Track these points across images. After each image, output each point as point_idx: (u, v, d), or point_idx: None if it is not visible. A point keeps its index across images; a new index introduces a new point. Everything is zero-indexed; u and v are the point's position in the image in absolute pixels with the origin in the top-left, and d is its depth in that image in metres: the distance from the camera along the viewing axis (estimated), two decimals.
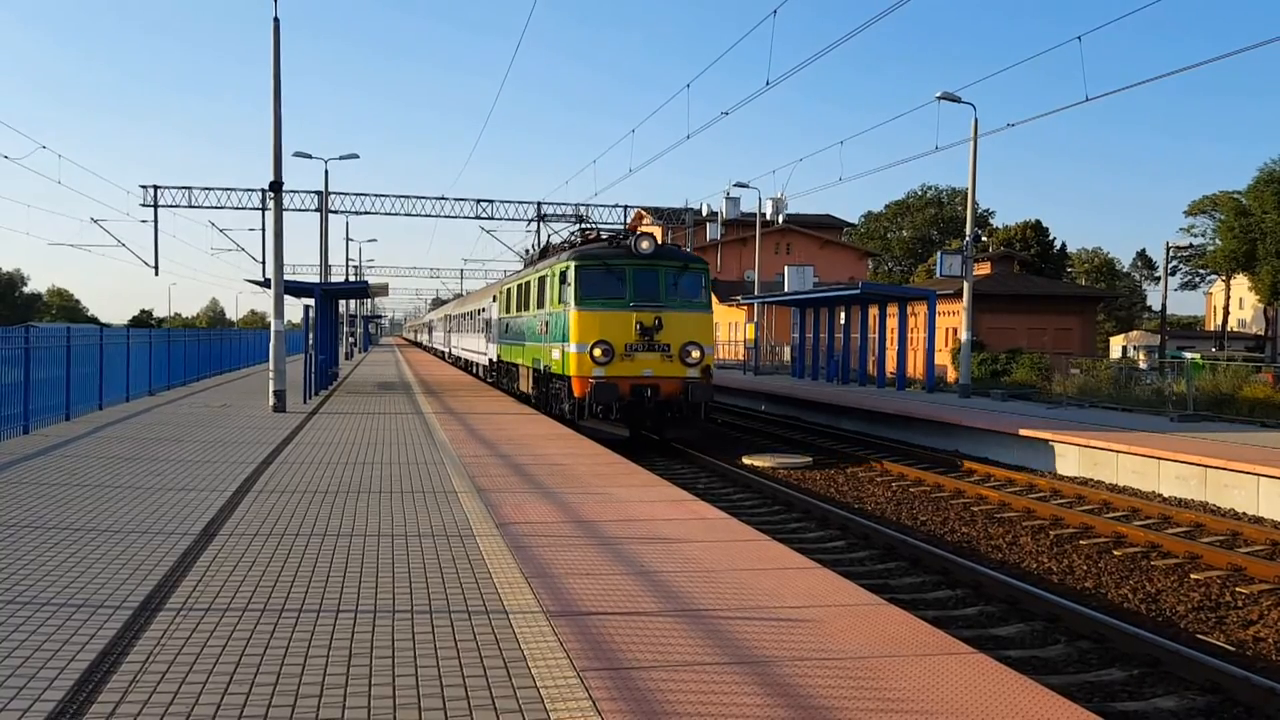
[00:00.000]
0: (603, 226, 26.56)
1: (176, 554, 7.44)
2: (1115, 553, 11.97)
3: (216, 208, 47.71)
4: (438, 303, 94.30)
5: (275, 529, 8.43)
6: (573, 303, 18.79)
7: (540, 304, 21.81)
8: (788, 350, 46.71)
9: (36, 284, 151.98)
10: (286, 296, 23.34)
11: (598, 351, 18.25)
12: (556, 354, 19.76)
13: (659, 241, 19.48)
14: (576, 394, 18.43)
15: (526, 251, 28.47)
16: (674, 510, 9.65)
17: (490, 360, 32.00)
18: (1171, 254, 74.35)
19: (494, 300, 30.98)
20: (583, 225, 22.32)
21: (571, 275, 18.96)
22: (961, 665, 5.31)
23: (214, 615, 5.90)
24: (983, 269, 58.38)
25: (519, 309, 25.16)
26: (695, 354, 18.68)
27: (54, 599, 6.18)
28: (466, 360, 42.81)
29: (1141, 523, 13.72)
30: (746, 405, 33.56)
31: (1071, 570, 11.23)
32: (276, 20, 20.27)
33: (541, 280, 21.80)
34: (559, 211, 49.57)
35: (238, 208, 47.85)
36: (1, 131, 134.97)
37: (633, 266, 18.85)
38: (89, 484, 10.57)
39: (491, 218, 50.40)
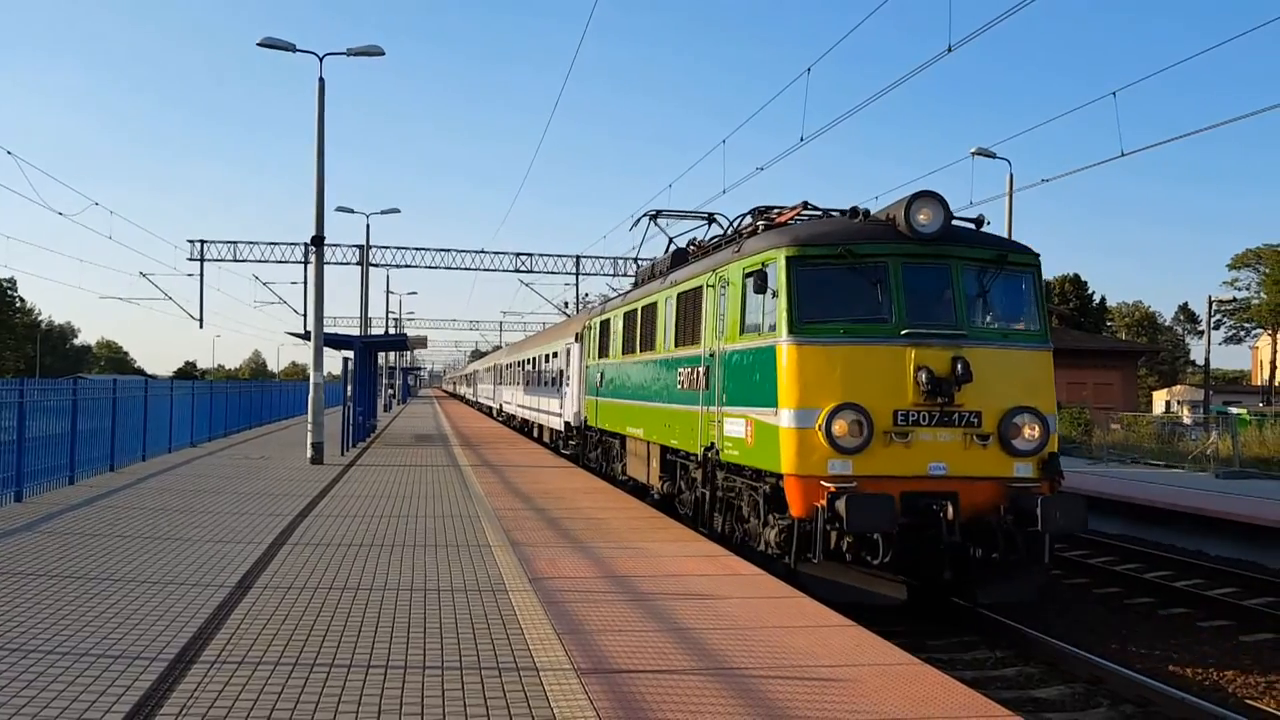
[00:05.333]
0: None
1: (212, 606, 7.50)
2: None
3: (260, 261, 48.77)
4: (476, 354, 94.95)
5: (309, 582, 8.48)
6: (784, 329, 9.79)
7: (686, 337, 13.13)
8: None
9: (87, 336, 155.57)
10: (327, 349, 23.69)
11: (841, 425, 9.33)
12: (737, 428, 10.81)
13: (947, 212, 10.02)
14: (797, 510, 9.51)
15: (634, 264, 19.46)
16: (708, 566, 9.59)
17: (569, 424, 23.58)
18: (1215, 308, 73.40)
19: (577, 339, 22.56)
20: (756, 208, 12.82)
21: (781, 275, 9.96)
22: None
23: (247, 669, 5.94)
24: None
25: (632, 348, 16.48)
26: (1031, 431, 9.70)
27: (92, 649, 6.25)
28: (525, 420, 34.49)
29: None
30: None
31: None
32: (321, 81, 20.92)
33: (689, 297, 13.12)
34: (597, 269, 50.06)
35: (281, 261, 48.88)
36: (56, 189, 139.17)
37: (902, 259, 9.88)
38: (130, 535, 10.71)
39: (530, 270, 51.04)
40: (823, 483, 9.29)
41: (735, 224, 13.45)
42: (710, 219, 16.79)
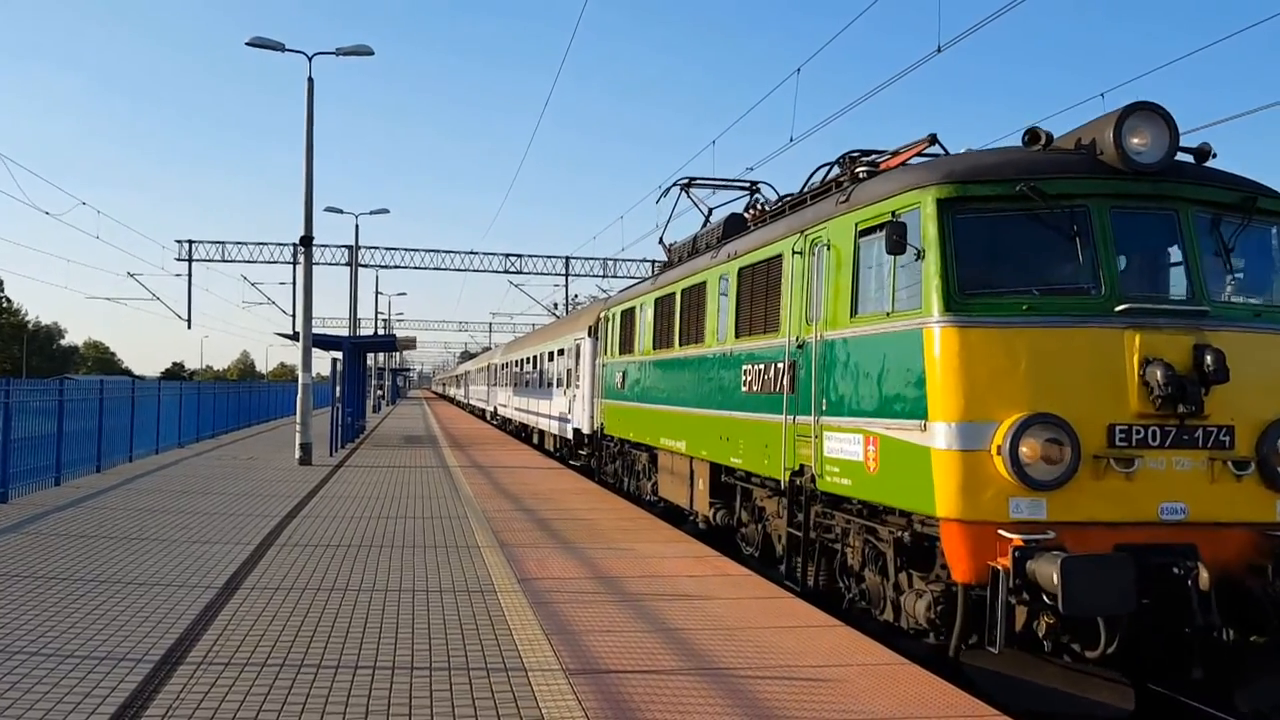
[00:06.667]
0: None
1: (199, 607, 7.46)
2: None
3: (249, 262, 48.55)
4: (466, 355, 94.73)
5: (297, 583, 8.45)
6: (936, 304, 6.92)
7: (754, 324, 10.37)
8: None
9: (74, 336, 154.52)
10: (315, 349, 23.64)
11: (1032, 447, 6.45)
12: (849, 447, 7.95)
13: (1173, 133, 6.99)
14: (962, 573, 6.59)
15: (665, 249, 16.33)
16: (697, 566, 9.59)
17: (579, 431, 21.14)
18: None
19: (589, 334, 20.18)
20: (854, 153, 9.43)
21: (929, 227, 7.08)
22: None
23: (233, 670, 5.90)
24: None
25: (668, 341, 13.88)
26: None
27: (77, 651, 6.21)
28: (524, 425, 32.47)
29: None
30: None
31: None
32: (310, 81, 20.87)
33: (759, 271, 10.33)
34: (586, 270, 50.09)
35: (270, 262, 48.69)
36: (43, 188, 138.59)
37: (1111, 201, 7.03)
38: (116, 536, 10.65)
39: (520, 271, 50.97)
40: (1002, 532, 6.36)
41: (823, 174, 10.02)
42: (753, 188, 14.51)
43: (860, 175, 8.79)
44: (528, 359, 31.20)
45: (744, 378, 10.45)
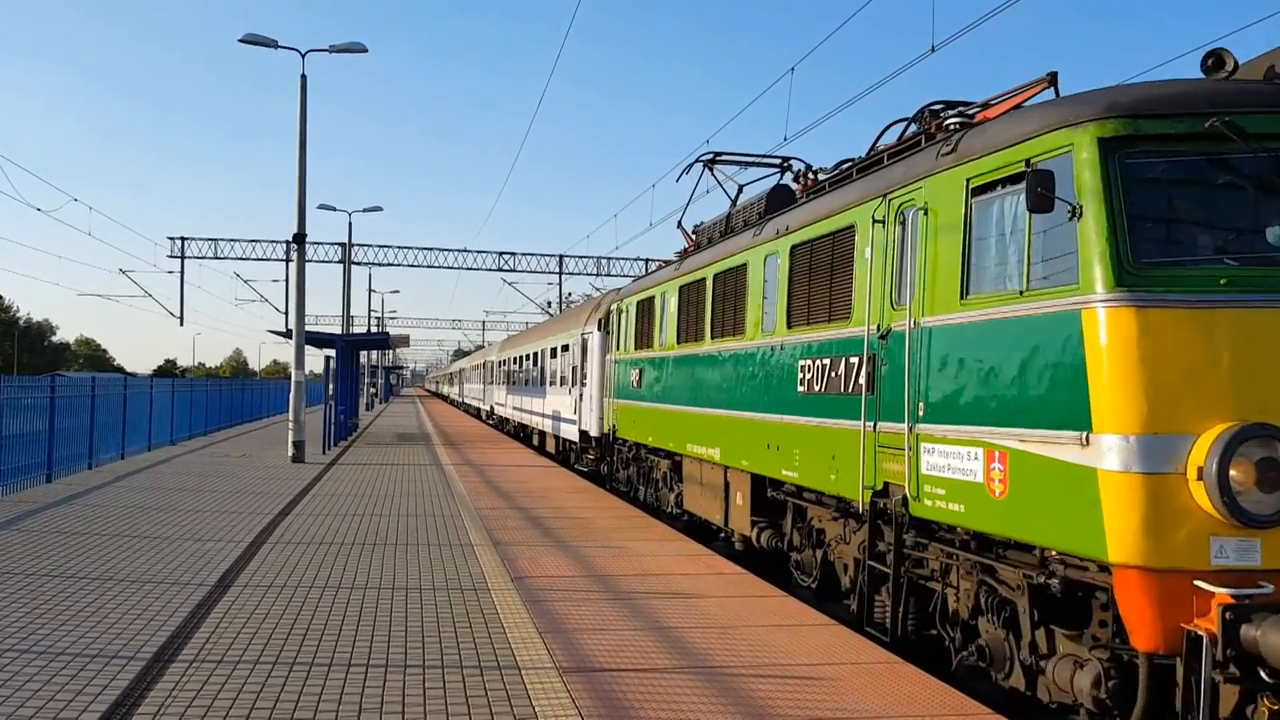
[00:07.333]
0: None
1: (191, 605, 7.44)
2: None
3: (242, 259, 48.39)
4: (459, 353, 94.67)
5: (290, 581, 8.43)
6: (1103, 276, 5.18)
7: (814, 311, 8.78)
8: None
9: (65, 333, 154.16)
10: (308, 347, 23.58)
11: (1245, 469, 4.78)
12: (963, 463, 6.25)
13: None
14: (1145, 639, 4.93)
15: (690, 231, 14.91)
16: (691, 565, 9.59)
17: (586, 433, 19.88)
18: None
19: (599, 328, 18.99)
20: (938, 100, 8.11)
21: (1090, 175, 5.34)
22: None
23: (226, 668, 5.89)
24: None
25: (697, 334, 12.24)
26: None
27: (69, 649, 6.18)
28: (523, 425, 31.03)
29: None
30: None
31: None
32: (304, 78, 20.83)
33: (821, 248, 8.69)
34: (580, 268, 50.10)
35: (262, 259, 48.53)
36: (35, 185, 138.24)
37: None
38: (108, 533, 10.62)
39: (513, 270, 50.91)
40: (1201, 584, 4.86)
41: (901, 130, 8.45)
42: (785, 164, 12.85)
43: (951, 127, 7.33)
44: (528, 355, 29.71)
45: (800, 375, 8.88)
